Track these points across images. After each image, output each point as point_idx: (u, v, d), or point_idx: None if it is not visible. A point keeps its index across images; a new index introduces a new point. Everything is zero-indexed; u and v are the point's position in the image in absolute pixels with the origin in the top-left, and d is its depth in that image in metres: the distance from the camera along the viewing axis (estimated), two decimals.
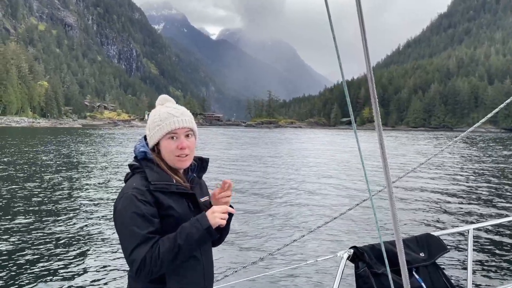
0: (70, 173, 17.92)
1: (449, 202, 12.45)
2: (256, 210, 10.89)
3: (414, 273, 2.47)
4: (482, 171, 21.15)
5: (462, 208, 11.67)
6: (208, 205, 1.91)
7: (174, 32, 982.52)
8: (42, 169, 18.97)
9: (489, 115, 2.38)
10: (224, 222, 1.75)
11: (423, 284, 2.45)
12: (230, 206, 1.86)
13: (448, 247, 2.75)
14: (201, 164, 1.96)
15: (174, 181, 1.80)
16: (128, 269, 1.75)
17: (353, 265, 2.39)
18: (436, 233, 2.75)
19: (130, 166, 1.86)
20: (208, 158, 2.00)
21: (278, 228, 9.09)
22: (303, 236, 3.24)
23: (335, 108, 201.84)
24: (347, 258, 2.38)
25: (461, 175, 19.25)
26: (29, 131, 73.39)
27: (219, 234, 1.83)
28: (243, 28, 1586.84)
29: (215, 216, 1.73)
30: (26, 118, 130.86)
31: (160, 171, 1.79)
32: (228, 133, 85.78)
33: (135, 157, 1.86)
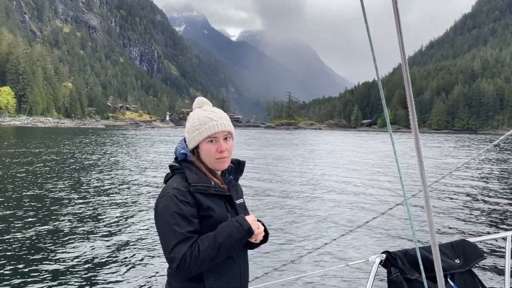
0: (104, 173, 18.23)
1: (485, 207, 12.12)
2: (287, 213, 10.87)
3: (449, 280, 2.42)
4: None
5: (499, 213, 11.37)
6: (243, 207, 1.99)
7: (195, 34, 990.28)
8: (77, 169, 19.35)
9: None
10: (260, 237, 1.84)
11: None
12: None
13: (485, 254, 2.69)
14: (238, 166, 2.01)
15: (213, 183, 1.84)
16: (168, 266, 1.79)
17: (385, 270, 2.37)
18: (472, 239, 2.67)
19: (170, 167, 1.91)
20: (245, 161, 2.04)
21: (309, 231, 9.04)
22: (335, 239, 3.19)
23: (355, 109, 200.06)
24: (379, 263, 2.36)
25: (496, 179, 18.78)
26: (57, 131, 74.97)
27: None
28: (264, 30, 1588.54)
29: (255, 224, 1.82)
30: (52, 119, 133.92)
31: (200, 173, 1.84)
32: (248, 134, 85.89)
33: (176, 159, 1.92)
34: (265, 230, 1.94)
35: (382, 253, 2.40)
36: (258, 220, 1.90)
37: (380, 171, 21.64)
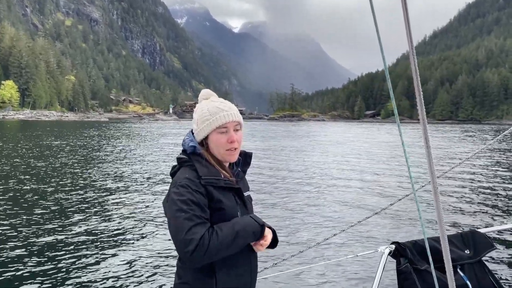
0: (111, 166, 18.27)
1: (495, 197, 12.04)
2: (295, 204, 10.85)
3: (459, 270, 2.42)
4: None
5: (509, 203, 11.28)
6: (250, 200, 2.00)
7: (197, 26, 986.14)
8: (83, 162, 19.40)
9: None
10: (263, 246, 1.84)
11: (468, 282, 2.39)
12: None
13: (495, 244, 2.63)
14: (244, 158, 1.99)
15: (222, 176, 1.83)
16: (177, 260, 1.82)
17: (395, 261, 2.37)
18: (482, 230, 2.67)
19: (178, 159, 1.87)
20: (252, 152, 2.01)
21: (318, 222, 9.03)
22: (344, 230, 3.20)
23: (359, 101, 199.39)
24: (389, 254, 2.36)
25: (505, 169, 18.64)
26: (61, 124, 75.14)
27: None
28: (266, 22, 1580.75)
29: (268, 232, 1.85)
30: (55, 112, 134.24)
31: (209, 165, 1.82)
32: (252, 126, 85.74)
33: (184, 151, 1.88)
34: (275, 236, 1.93)
35: (392, 243, 2.39)
36: (268, 227, 1.88)
37: (387, 161, 21.55)
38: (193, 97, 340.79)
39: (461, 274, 2.41)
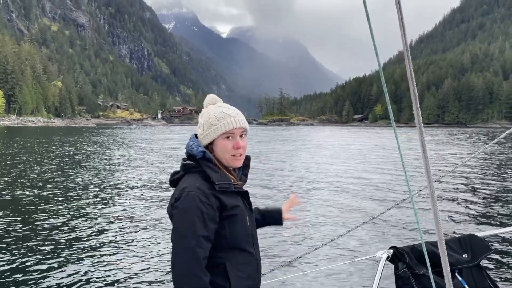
0: (105, 173, 18.07)
1: (493, 201, 12.04)
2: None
3: (457, 274, 2.42)
4: None
5: (506, 207, 11.31)
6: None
7: (185, 31, 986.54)
8: (74, 169, 19.16)
9: None
10: None
11: (466, 286, 2.39)
12: None
13: (493, 248, 2.67)
14: (245, 161, 1.97)
15: (232, 181, 1.82)
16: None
17: (393, 265, 2.37)
18: (480, 234, 2.66)
19: (185, 165, 1.82)
20: (250, 156, 1.99)
21: (315, 227, 8.99)
22: (341, 235, 3.18)
23: (347, 105, 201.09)
24: (387, 259, 2.36)
25: (502, 172, 18.72)
26: (48, 131, 74.23)
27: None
28: (254, 26, 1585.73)
29: None
30: (42, 118, 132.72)
31: (220, 170, 1.81)
32: None
33: (190, 156, 1.84)
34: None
35: (389, 248, 2.38)
36: None
37: (382, 165, 21.50)
38: (181, 102, 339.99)
39: (459, 278, 2.40)
